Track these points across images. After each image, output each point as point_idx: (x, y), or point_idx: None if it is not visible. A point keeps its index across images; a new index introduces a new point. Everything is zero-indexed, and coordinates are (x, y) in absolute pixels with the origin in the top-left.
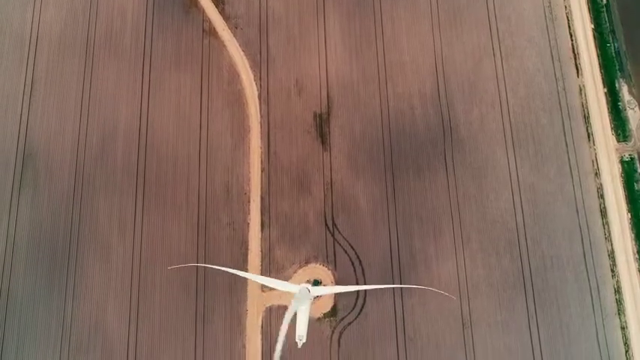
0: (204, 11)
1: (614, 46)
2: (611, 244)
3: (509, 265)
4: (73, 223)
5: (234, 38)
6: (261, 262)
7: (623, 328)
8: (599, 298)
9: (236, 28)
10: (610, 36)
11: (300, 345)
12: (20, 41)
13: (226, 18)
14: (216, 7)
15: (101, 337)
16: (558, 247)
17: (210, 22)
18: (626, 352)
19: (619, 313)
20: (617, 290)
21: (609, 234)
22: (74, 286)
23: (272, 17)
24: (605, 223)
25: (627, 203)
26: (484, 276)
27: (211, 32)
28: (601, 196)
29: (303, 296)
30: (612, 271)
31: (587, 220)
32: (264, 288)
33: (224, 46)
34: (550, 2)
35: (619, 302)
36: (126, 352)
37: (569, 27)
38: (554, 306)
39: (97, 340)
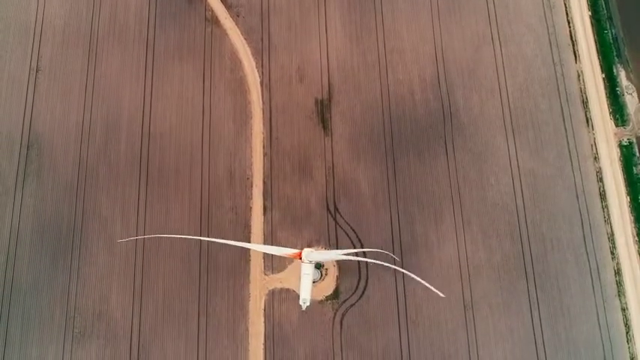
0: (206, 0)
1: (612, 33)
2: (611, 227)
3: (510, 247)
4: (77, 212)
5: (236, 27)
6: (264, 244)
7: (623, 310)
8: (600, 280)
9: (238, 16)
10: (607, 23)
11: (304, 308)
12: (25, 32)
13: (228, 7)
14: None
15: (105, 323)
16: (558, 230)
17: (212, 11)
18: (627, 333)
19: (619, 295)
20: (617, 272)
21: (609, 217)
22: (78, 274)
23: (273, 5)
24: (605, 207)
25: (626, 187)
26: (485, 259)
27: (214, 21)
28: (600, 180)
29: (305, 262)
30: (612, 253)
31: (586, 204)
32: (266, 272)
33: (226, 34)
34: None
35: (619, 284)
36: (129, 338)
37: (566, 14)
38: (555, 288)
39: (100, 326)
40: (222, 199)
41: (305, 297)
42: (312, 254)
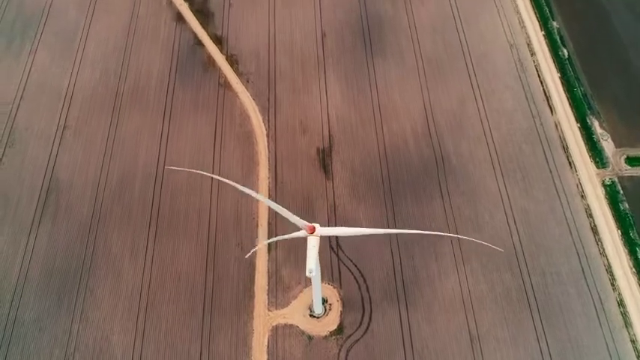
0: (220, 69)
1: (581, 90)
2: (607, 260)
3: (510, 280)
4: (86, 252)
5: (246, 90)
6: (268, 281)
7: (633, 341)
8: (604, 311)
9: (247, 81)
10: (576, 82)
11: (310, 276)
12: (57, 95)
13: (239, 74)
14: (231, 66)
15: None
16: (556, 264)
17: (225, 77)
18: None
19: (626, 326)
20: (621, 303)
21: (603, 250)
22: (81, 314)
23: (279, 72)
24: (598, 240)
25: (616, 221)
26: (487, 291)
27: (226, 85)
28: (590, 216)
29: (313, 236)
30: (612, 285)
31: (580, 238)
32: (270, 308)
33: (237, 96)
34: (520, 57)
35: (624, 315)
36: None
37: (538, 76)
38: (561, 320)
39: None
40: (229, 239)
41: (311, 267)
42: (326, 229)
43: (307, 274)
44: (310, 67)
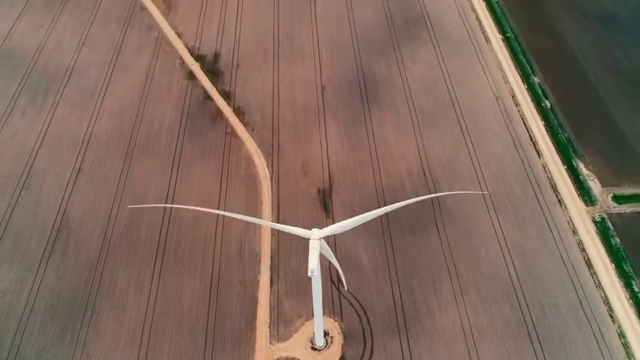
0: (227, 120)
1: (565, 136)
2: (604, 292)
3: (510, 313)
4: (92, 287)
5: (251, 138)
6: (270, 314)
7: None
8: (605, 342)
9: (253, 130)
10: (559, 129)
11: (311, 276)
12: (75, 143)
13: (245, 124)
14: (237, 117)
15: None
16: (554, 296)
17: (232, 127)
18: None
19: (629, 358)
20: (621, 335)
21: (599, 282)
22: (83, 347)
23: (282, 122)
24: (593, 273)
25: (608, 255)
26: (487, 324)
27: (233, 134)
28: (583, 250)
29: (314, 238)
30: (611, 316)
31: (575, 271)
32: (272, 341)
33: (243, 143)
34: (506, 108)
35: (626, 346)
36: None
37: (524, 124)
38: (562, 352)
39: None
40: (232, 274)
41: (313, 267)
42: (323, 230)
43: (309, 274)
44: (311, 117)
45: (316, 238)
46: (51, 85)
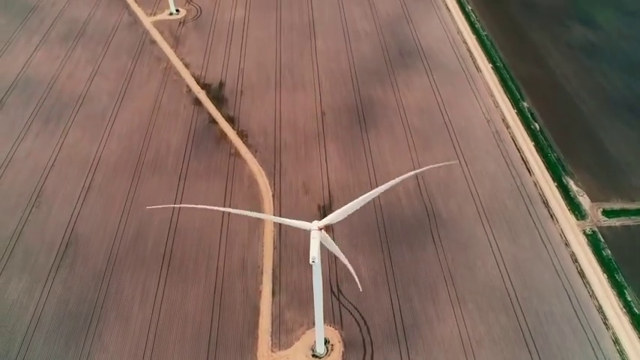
0: (231, 142)
1: (554, 155)
2: (598, 301)
3: (506, 321)
4: (98, 298)
5: (254, 158)
6: (272, 324)
7: None
8: (601, 349)
9: (256, 152)
10: (549, 149)
11: (312, 264)
12: (85, 164)
13: (249, 146)
14: (241, 139)
15: None
16: (549, 305)
17: (236, 148)
18: None
19: None
20: (616, 342)
21: (593, 292)
22: (88, 354)
23: (284, 144)
24: (587, 283)
25: (601, 266)
26: (485, 332)
27: (236, 155)
28: (575, 261)
29: (314, 229)
30: (605, 324)
31: (569, 281)
32: (273, 349)
33: (246, 163)
34: (497, 130)
35: (621, 353)
36: None
37: (515, 145)
38: (559, 359)
39: None
40: (234, 285)
41: (314, 255)
42: (323, 221)
43: (310, 262)
44: (311, 140)
45: (315, 228)
46: (63, 110)
